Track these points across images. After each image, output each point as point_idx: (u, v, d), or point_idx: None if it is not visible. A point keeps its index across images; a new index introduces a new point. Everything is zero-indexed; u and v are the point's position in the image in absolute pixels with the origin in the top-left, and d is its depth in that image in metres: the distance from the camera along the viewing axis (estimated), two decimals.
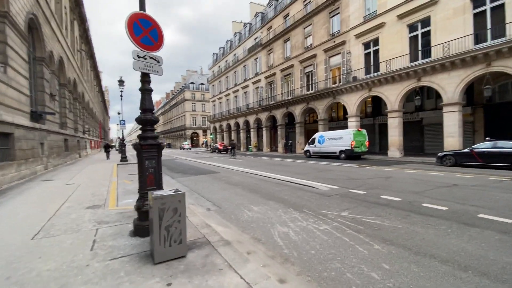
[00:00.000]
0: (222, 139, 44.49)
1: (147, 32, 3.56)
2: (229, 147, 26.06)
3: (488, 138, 11.93)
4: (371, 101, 21.15)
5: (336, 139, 17.82)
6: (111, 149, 22.88)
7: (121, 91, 18.02)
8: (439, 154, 12.59)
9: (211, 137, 47.47)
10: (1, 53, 7.91)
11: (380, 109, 21.66)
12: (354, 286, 2.46)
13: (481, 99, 15.94)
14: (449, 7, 14.34)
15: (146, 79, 3.56)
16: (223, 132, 44.31)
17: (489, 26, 13.12)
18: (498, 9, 12.87)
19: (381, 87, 17.89)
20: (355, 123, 20.03)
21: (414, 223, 4.14)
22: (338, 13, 21.40)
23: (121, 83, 17.37)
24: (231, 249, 3.07)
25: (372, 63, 18.92)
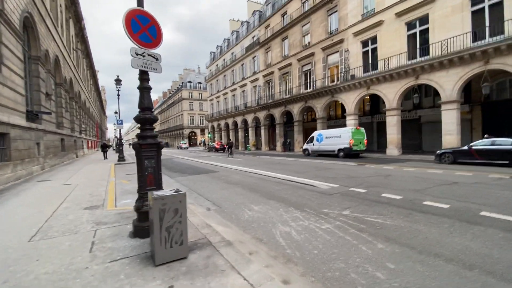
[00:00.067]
0: (220, 138, 44.37)
1: (145, 29, 3.48)
2: (226, 146, 26.01)
3: (487, 135, 11.95)
4: (369, 99, 21.17)
5: (334, 138, 17.82)
6: (108, 148, 22.67)
7: (118, 90, 17.87)
8: (438, 152, 12.63)
9: (209, 136, 47.32)
10: None
11: (378, 107, 21.69)
12: (359, 286, 2.42)
13: (479, 97, 16.01)
14: (447, 4, 14.34)
15: (144, 77, 3.49)
16: (221, 131, 44.19)
17: (488, 23, 13.14)
18: (496, 7, 12.89)
19: (380, 85, 17.90)
20: (353, 122, 20.03)
21: (416, 221, 4.11)
22: (336, 11, 21.35)
23: (118, 82, 17.23)
24: (233, 250, 3.01)
25: (370, 61, 18.92)
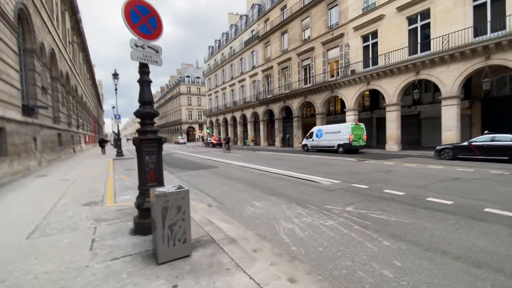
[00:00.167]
0: (218, 133, 44.15)
1: (145, 19, 3.35)
2: (223, 141, 25.92)
3: (487, 131, 11.95)
4: (369, 94, 21.04)
5: (334, 133, 17.76)
6: (106, 143, 22.45)
7: (116, 84, 17.63)
8: (438, 147, 12.61)
9: (208, 131, 47.10)
10: None
11: (378, 102, 21.61)
12: (367, 285, 2.37)
13: (479, 93, 15.96)
14: None
15: (144, 70, 3.36)
16: (219, 126, 43.96)
17: (489, 18, 13.01)
18: (498, 2, 12.74)
19: (380, 81, 17.78)
20: (353, 117, 19.96)
21: (421, 218, 4.07)
22: (336, 5, 21.07)
23: (115, 76, 16.98)
24: (237, 247, 2.95)
25: (370, 56, 18.76)
